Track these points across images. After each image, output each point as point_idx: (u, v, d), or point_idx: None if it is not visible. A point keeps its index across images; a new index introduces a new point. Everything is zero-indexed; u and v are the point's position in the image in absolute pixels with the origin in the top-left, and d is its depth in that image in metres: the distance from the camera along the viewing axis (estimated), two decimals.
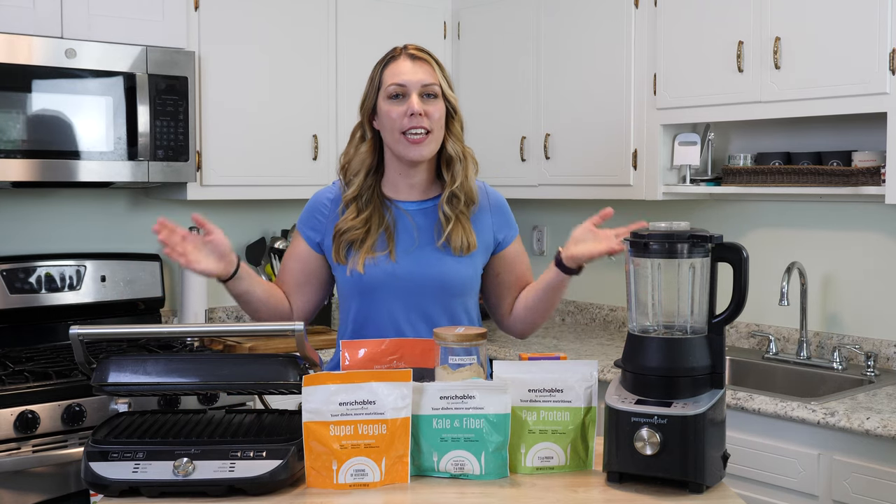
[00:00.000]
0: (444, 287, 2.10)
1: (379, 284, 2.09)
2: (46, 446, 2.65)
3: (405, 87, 2.06)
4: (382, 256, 2.09)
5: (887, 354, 3.04)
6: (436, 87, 2.08)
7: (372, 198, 2.12)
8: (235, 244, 3.85)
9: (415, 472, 1.70)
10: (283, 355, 1.77)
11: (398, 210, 2.14)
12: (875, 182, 2.84)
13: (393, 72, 2.08)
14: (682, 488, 1.64)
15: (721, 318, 1.70)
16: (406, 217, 2.14)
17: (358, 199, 2.11)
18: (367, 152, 2.13)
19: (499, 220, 2.20)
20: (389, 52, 2.13)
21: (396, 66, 2.08)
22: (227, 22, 3.43)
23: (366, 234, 2.09)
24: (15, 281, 3.21)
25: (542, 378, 1.75)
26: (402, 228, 2.12)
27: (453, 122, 2.13)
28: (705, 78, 3.15)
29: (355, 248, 2.10)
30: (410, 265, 2.09)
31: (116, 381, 1.73)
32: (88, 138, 3.05)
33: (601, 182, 3.51)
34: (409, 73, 2.07)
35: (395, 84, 2.06)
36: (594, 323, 3.98)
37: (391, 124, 2.06)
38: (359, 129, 2.16)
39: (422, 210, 2.15)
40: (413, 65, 2.08)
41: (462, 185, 2.12)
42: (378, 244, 2.09)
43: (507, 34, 3.83)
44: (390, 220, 2.12)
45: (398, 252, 2.10)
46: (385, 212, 2.12)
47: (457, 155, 2.12)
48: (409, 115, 2.04)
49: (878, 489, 2.38)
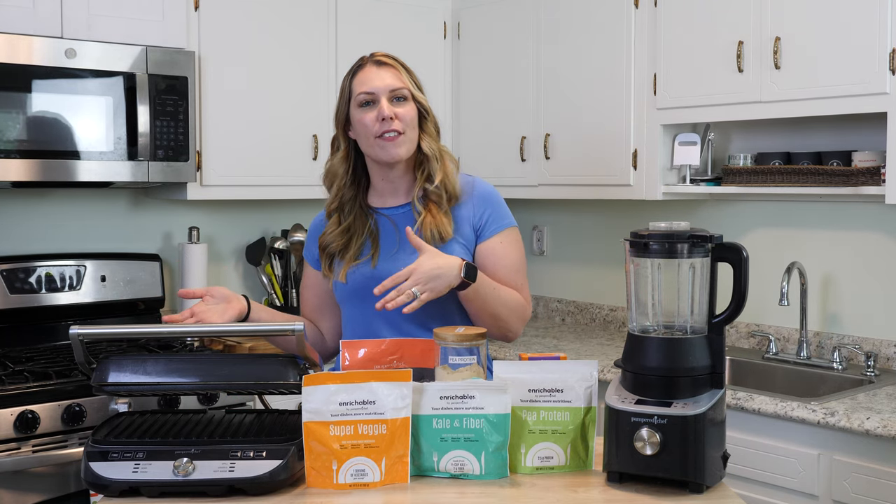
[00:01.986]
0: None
1: (360, 290, 2.10)
2: (46, 446, 2.65)
3: (374, 94, 2.09)
4: (364, 263, 2.12)
5: (887, 354, 3.04)
6: (404, 91, 2.11)
7: (353, 207, 2.16)
8: (235, 244, 3.86)
9: (415, 472, 1.70)
10: (283, 355, 1.77)
11: (381, 217, 2.16)
12: (875, 182, 2.84)
13: (361, 80, 2.11)
14: (682, 488, 1.64)
15: (721, 318, 1.70)
16: (388, 222, 2.15)
17: (340, 210, 2.16)
18: (342, 160, 2.17)
19: (480, 210, 2.15)
20: (357, 62, 2.17)
21: (364, 75, 2.12)
22: (227, 22, 3.43)
23: (347, 244, 2.13)
24: (15, 281, 3.21)
25: (542, 378, 1.75)
26: (384, 234, 2.15)
27: (426, 122, 2.15)
28: (705, 78, 3.15)
29: (339, 258, 2.14)
30: (390, 267, 2.08)
31: (116, 381, 1.73)
32: (88, 138, 3.05)
33: (601, 182, 3.51)
34: (376, 80, 2.10)
35: (364, 92, 2.09)
36: (594, 323, 3.98)
37: (365, 131, 2.09)
38: (335, 140, 2.20)
39: (402, 213, 2.16)
40: (379, 70, 2.11)
41: (443, 183, 2.12)
42: (362, 252, 2.13)
43: (507, 34, 3.83)
44: (373, 226, 2.14)
45: (380, 257, 2.12)
46: (367, 219, 2.15)
47: (432, 153, 2.13)
48: (381, 120, 2.07)
49: (878, 489, 2.38)
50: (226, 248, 3.84)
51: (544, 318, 4.18)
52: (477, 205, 2.15)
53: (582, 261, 4.01)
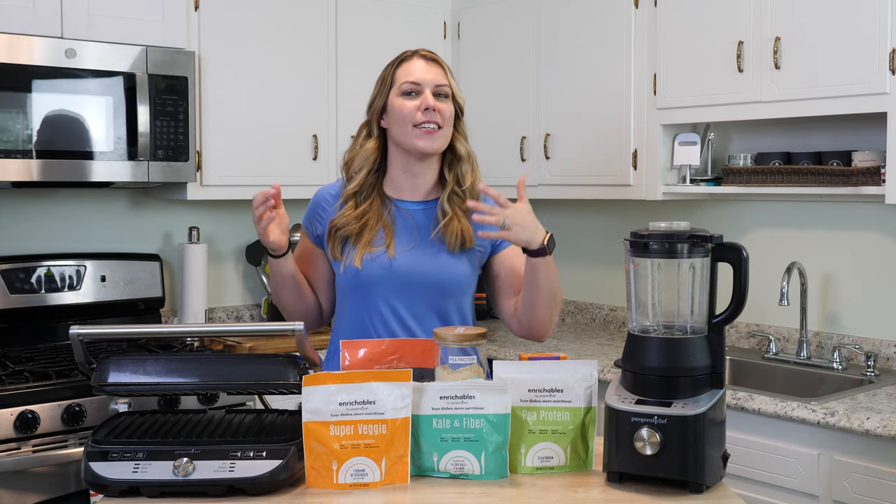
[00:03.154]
0: (439, 285, 2.11)
1: (376, 279, 2.10)
2: (46, 446, 2.65)
3: (419, 86, 2.11)
4: (380, 251, 2.10)
5: (887, 354, 3.04)
6: (447, 88, 2.14)
7: (371, 194, 2.15)
8: (235, 244, 3.86)
9: (415, 472, 1.70)
10: (283, 355, 1.77)
11: (397, 209, 2.16)
12: (875, 182, 2.84)
13: (406, 70, 2.14)
14: (682, 488, 1.64)
15: (721, 318, 1.70)
16: (406, 215, 2.15)
17: (358, 195, 2.14)
18: (373, 149, 2.16)
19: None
20: (401, 55, 2.18)
21: (410, 66, 2.14)
22: (227, 22, 3.43)
23: (362, 229, 2.11)
24: (15, 281, 3.21)
25: (542, 378, 1.75)
26: (401, 226, 2.14)
27: (460, 123, 2.19)
28: (705, 78, 3.15)
29: (352, 242, 2.12)
30: (407, 261, 2.10)
31: (116, 381, 1.73)
32: (88, 138, 3.05)
33: (601, 182, 3.51)
34: (422, 73, 2.13)
35: (410, 82, 2.12)
36: (594, 323, 3.98)
37: (404, 118, 2.10)
38: (365, 126, 2.20)
39: (423, 210, 2.16)
40: (426, 65, 2.15)
41: (472, 186, 2.14)
42: (376, 240, 2.11)
43: (507, 34, 3.83)
44: (389, 217, 2.14)
45: (396, 249, 2.11)
46: (384, 209, 2.15)
47: (466, 153, 2.17)
48: (424, 110, 2.09)
49: (878, 489, 2.38)
50: (226, 248, 3.84)
51: None
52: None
53: (582, 261, 4.01)
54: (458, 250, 2.11)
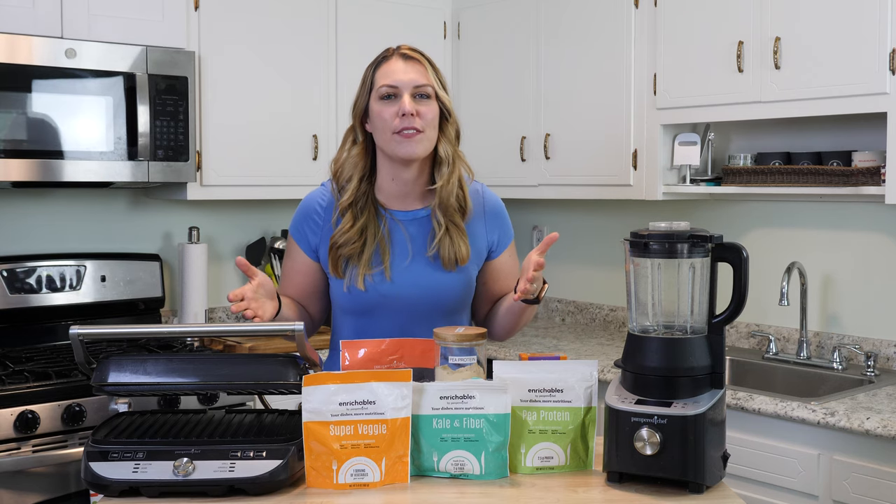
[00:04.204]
0: (439, 304, 2.09)
1: (378, 303, 2.06)
2: (46, 446, 2.65)
3: (397, 88, 2.02)
4: (378, 274, 2.05)
5: (887, 354, 3.04)
6: (428, 88, 2.03)
7: (367, 205, 2.07)
8: (235, 244, 3.86)
9: (415, 472, 1.70)
10: (283, 355, 1.77)
11: (392, 220, 2.09)
12: (875, 182, 2.84)
13: (384, 72, 2.04)
14: (682, 488, 1.64)
15: (721, 318, 1.70)
16: (399, 227, 2.09)
17: (353, 206, 2.06)
18: (359, 156, 2.09)
19: (493, 226, 2.16)
20: (382, 53, 2.09)
21: (388, 67, 2.04)
22: (227, 22, 3.43)
23: (362, 247, 2.04)
24: (15, 281, 3.21)
25: (542, 378, 1.75)
26: (396, 240, 2.08)
27: (447, 124, 2.08)
28: (705, 78, 3.15)
29: (353, 262, 2.06)
30: (405, 283, 2.06)
31: (116, 381, 1.73)
32: (88, 138, 3.05)
33: (601, 182, 3.51)
34: (400, 74, 2.02)
35: (387, 85, 2.02)
36: (594, 323, 3.98)
37: (383, 125, 2.02)
38: (351, 132, 2.12)
39: (415, 220, 2.10)
40: (405, 65, 2.04)
41: (445, 188, 2.05)
42: (374, 259, 2.05)
43: (507, 34, 3.83)
44: (384, 230, 2.07)
45: (393, 268, 2.06)
46: (380, 221, 2.07)
47: (446, 157, 2.06)
48: (401, 116, 1.99)
49: (878, 489, 2.38)
50: (226, 248, 3.84)
51: (544, 318, 4.18)
52: (490, 223, 2.15)
53: (582, 261, 4.01)
54: (454, 268, 2.08)
